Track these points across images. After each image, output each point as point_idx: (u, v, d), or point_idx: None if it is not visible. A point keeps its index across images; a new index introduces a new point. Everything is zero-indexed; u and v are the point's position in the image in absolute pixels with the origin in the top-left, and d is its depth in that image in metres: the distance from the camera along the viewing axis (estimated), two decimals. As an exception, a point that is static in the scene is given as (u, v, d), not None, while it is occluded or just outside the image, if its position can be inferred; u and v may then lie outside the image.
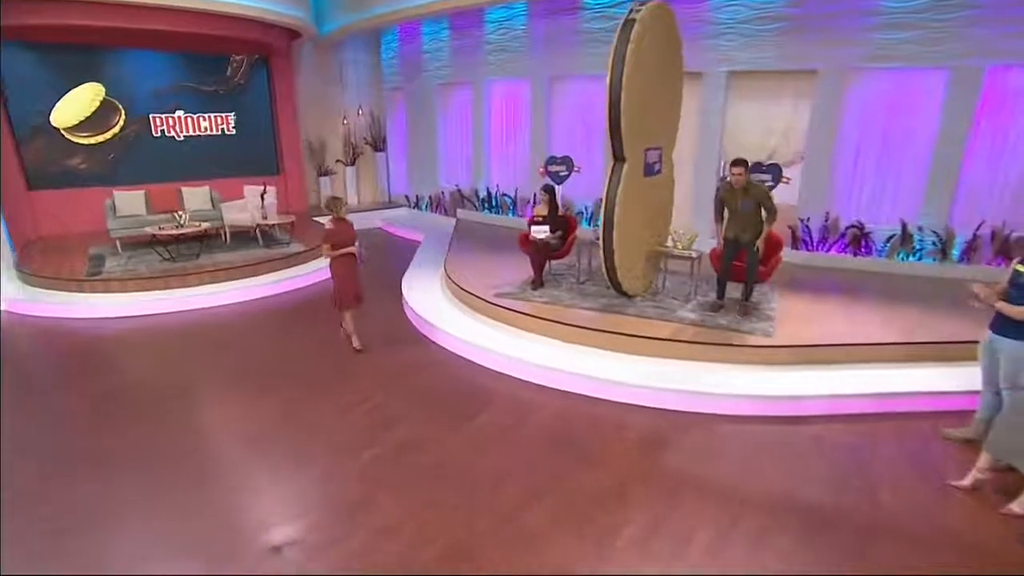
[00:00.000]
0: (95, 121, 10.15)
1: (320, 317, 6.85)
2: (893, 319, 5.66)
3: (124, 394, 4.98)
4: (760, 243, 5.41)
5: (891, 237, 7.33)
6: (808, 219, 7.70)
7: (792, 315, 5.72)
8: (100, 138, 10.21)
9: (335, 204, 5.38)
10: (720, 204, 5.64)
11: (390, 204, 13.30)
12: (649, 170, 5.86)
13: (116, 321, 6.69)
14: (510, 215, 10.61)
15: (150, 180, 10.28)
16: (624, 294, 6.03)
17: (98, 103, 10.05)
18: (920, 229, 7.18)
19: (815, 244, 7.70)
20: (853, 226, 7.46)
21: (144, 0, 8.24)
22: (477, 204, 11.11)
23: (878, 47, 6.95)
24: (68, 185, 10.06)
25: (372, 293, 7.56)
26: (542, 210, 6.70)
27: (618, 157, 5.37)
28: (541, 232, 6.44)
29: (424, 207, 12.37)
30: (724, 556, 3.08)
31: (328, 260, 5.44)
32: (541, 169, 7.19)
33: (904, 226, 7.22)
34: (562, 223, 6.71)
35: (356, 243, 5.43)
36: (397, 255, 9.78)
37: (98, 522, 3.36)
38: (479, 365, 5.44)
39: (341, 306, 5.59)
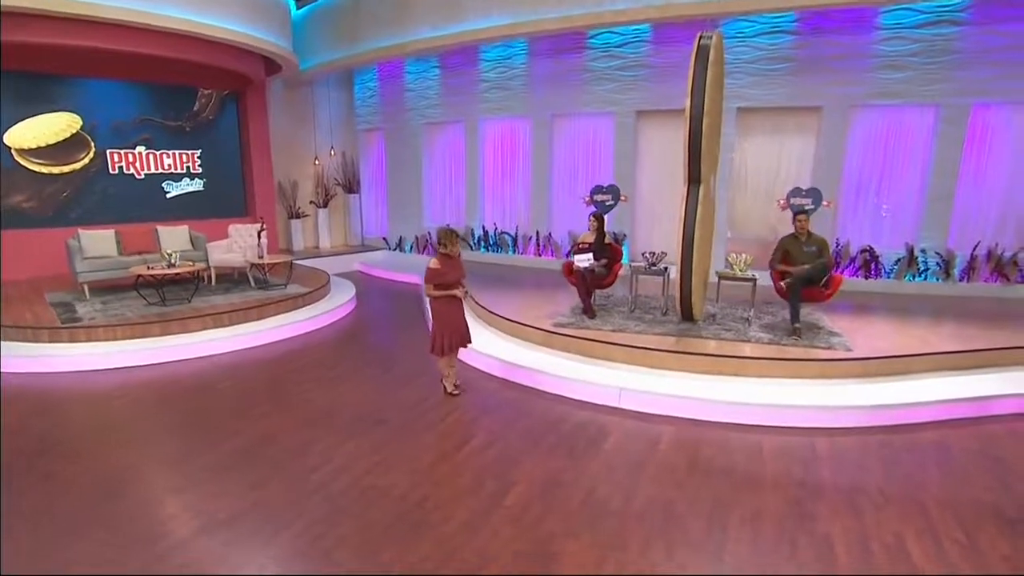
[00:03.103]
0: (58, 151, 9.21)
1: (353, 359, 6.35)
2: (944, 331, 6.01)
3: (170, 460, 4.23)
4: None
5: (899, 260, 7.89)
6: (821, 245, 8.14)
7: (852, 332, 5.91)
8: (56, 170, 9.20)
9: (448, 238, 4.73)
10: (783, 253, 5.94)
11: (364, 247, 12.77)
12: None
13: (105, 374, 5.75)
14: (510, 253, 10.47)
15: (105, 221, 9.25)
16: (689, 318, 6.00)
17: (69, 134, 9.15)
18: (923, 251, 7.79)
19: (828, 269, 8.13)
20: (865, 250, 7.97)
21: (128, 20, 7.62)
22: (472, 243, 10.88)
23: (876, 86, 7.66)
24: (8, 226, 8.82)
25: (399, 338, 7.14)
26: (588, 237, 6.64)
27: (694, 180, 5.44)
28: (584, 260, 6.30)
29: (408, 248, 11.96)
30: (951, 559, 2.97)
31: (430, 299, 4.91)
32: (586, 199, 7.16)
33: (911, 249, 7.80)
34: (607, 251, 6.65)
35: (464, 285, 4.91)
36: (396, 298, 9.34)
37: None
38: (564, 398, 5.12)
39: (438, 351, 4.97)
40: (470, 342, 5.14)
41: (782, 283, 5.81)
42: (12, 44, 7.48)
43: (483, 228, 10.77)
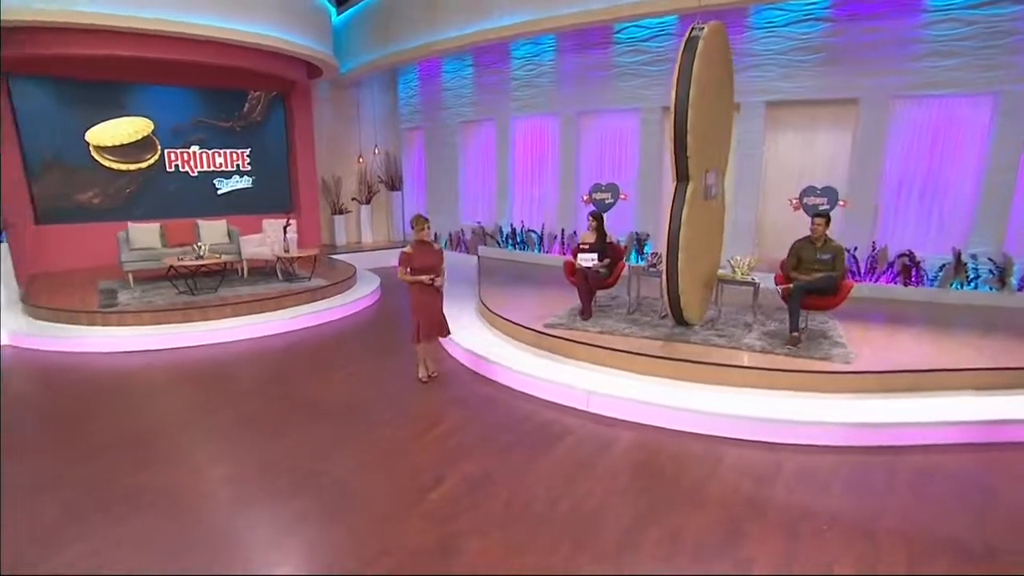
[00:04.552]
0: (130, 150, 10.20)
1: (351, 350, 6.59)
2: (983, 345, 5.43)
3: (143, 434, 4.56)
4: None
5: (943, 266, 7.18)
6: (855, 248, 7.56)
7: (863, 343, 5.46)
8: (125, 167, 10.18)
9: (417, 223, 4.97)
10: (796, 259, 5.60)
11: (406, 242, 13.10)
12: (707, 192, 5.71)
13: (131, 356, 6.29)
14: (536, 251, 10.44)
15: (163, 215, 10.03)
16: (683, 322, 5.76)
17: (141, 136, 10.20)
18: (974, 257, 7.04)
19: (862, 274, 7.53)
20: (904, 255, 7.31)
21: (177, 31, 8.24)
22: (500, 241, 10.94)
23: (921, 75, 6.99)
24: (79, 220, 9.83)
25: (406, 331, 7.30)
26: (588, 237, 6.50)
27: (682, 177, 5.22)
28: (587, 260, 6.21)
29: (443, 244, 12.18)
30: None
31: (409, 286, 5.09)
32: (585, 197, 7.03)
33: (958, 254, 7.08)
34: (610, 251, 6.50)
35: (438, 272, 5.07)
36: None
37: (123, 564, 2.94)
38: (538, 398, 5.07)
39: (416, 338, 5.17)
40: (447, 333, 5.30)
41: (778, 288, 5.46)
42: (87, 57, 8.32)
43: (511, 226, 10.79)
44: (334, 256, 11.23)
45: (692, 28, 5.11)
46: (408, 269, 4.98)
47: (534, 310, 6.68)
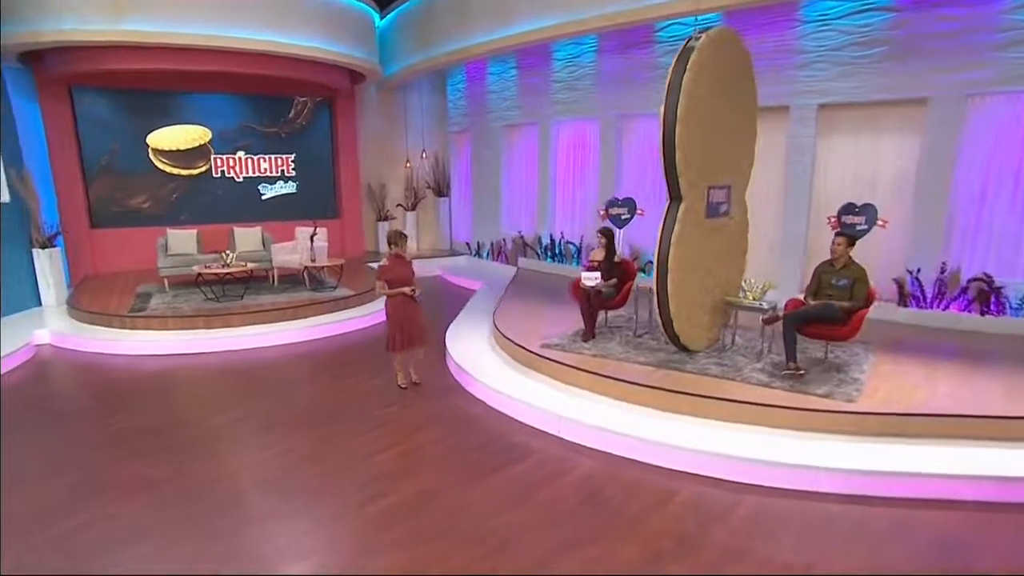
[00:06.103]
0: (185, 156, 11.70)
1: (358, 362, 7.28)
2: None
3: (147, 429, 5.42)
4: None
5: (1030, 293, 6.80)
6: (918, 270, 7.30)
7: (887, 379, 5.39)
8: (177, 171, 11.69)
9: (396, 238, 5.73)
10: (817, 282, 5.68)
11: (451, 252, 13.86)
12: (713, 211, 5.87)
13: (154, 359, 7.34)
14: (574, 264, 10.78)
15: (208, 220, 11.43)
16: (683, 348, 5.94)
17: (197, 144, 11.70)
18: (1070, 285, 6.63)
19: (929, 300, 7.26)
20: (978, 279, 6.99)
21: (219, 44, 9.42)
22: (539, 252, 11.37)
23: (1006, 68, 6.67)
24: (129, 224, 11.35)
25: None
26: (598, 255, 6.82)
27: (674, 196, 5.45)
28: (591, 280, 6.47)
29: (485, 255, 12.79)
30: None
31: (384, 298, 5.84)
32: (602, 212, 7.38)
33: (1048, 280, 6.69)
34: (618, 270, 6.77)
35: (413, 284, 5.77)
36: (450, 303, 10.16)
37: (111, 546, 3.68)
38: (515, 419, 5.47)
39: (389, 347, 5.89)
40: (426, 342, 5.93)
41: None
42: (138, 70, 9.70)
43: (550, 237, 11.19)
44: (373, 264, 12.10)
45: (690, 37, 5.34)
46: (385, 283, 5.63)
47: (549, 328, 7.03)
